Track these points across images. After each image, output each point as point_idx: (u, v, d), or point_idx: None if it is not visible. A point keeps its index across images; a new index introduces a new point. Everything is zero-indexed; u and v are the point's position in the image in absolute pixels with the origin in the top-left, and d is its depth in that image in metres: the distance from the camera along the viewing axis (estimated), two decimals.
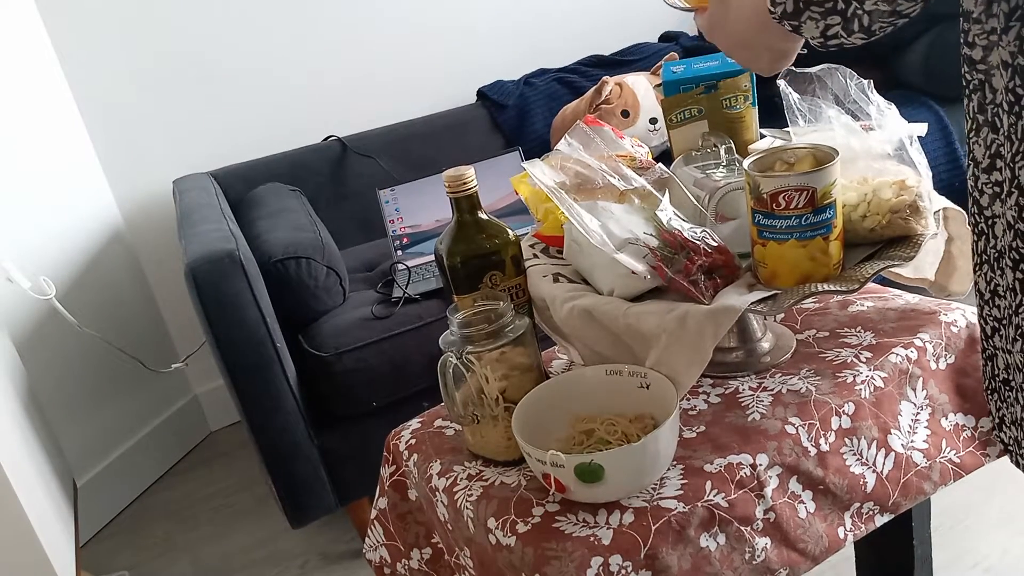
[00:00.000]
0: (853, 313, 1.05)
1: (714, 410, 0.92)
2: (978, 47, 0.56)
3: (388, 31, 2.45)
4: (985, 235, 0.61)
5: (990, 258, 0.61)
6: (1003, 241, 0.58)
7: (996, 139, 0.57)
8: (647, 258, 0.90)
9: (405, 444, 1.03)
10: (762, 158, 0.89)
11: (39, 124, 2.05)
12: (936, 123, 2.10)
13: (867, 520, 0.89)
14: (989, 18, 0.55)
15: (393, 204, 2.03)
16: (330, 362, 1.64)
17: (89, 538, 2.10)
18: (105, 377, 2.18)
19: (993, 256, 0.60)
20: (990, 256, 0.61)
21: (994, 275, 0.61)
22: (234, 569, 1.89)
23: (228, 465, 2.33)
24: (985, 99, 0.57)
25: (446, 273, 0.94)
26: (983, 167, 0.59)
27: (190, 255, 1.53)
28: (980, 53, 0.56)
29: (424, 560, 1.04)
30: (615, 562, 0.77)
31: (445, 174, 0.91)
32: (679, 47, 2.57)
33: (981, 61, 0.56)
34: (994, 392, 0.65)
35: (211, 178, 2.17)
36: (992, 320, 0.63)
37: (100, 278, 2.18)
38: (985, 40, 0.55)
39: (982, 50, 0.56)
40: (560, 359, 1.10)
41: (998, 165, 0.57)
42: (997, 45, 0.54)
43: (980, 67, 0.56)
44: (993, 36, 0.54)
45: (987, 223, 0.60)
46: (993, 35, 0.54)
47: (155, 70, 2.22)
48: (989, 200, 0.59)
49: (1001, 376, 0.63)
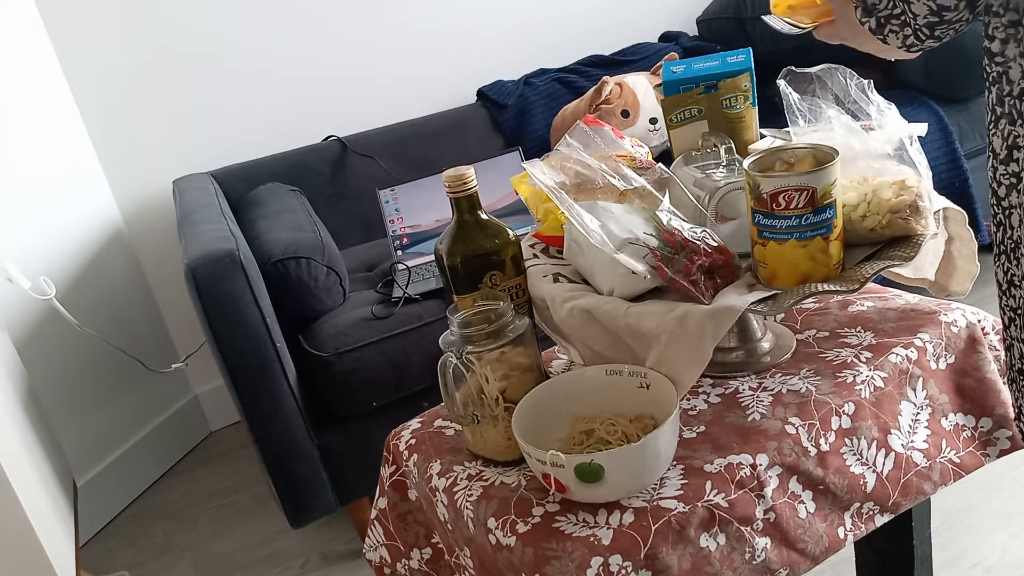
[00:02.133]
0: (853, 313, 1.05)
1: (714, 410, 0.92)
2: (996, 40, 0.57)
3: (388, 31, 2.45)
4: (1003, 225, 0.61)
5: (1007, 249, 0.61)
6: (1019, 231, 0.58)
7: (1013, 130, 0.57)
8: (647, 258, 0.90)
9: (405, 444, 1.03)
10: (762, 158, 0.89)
11: (39, 124, 2.05)
12: (936, 123, 2.10)
13: (867, 520, 0.89)
14: (1007, 11, 0.55)
15: (393, 204, 2.03)
16: (330, 362, 1.64)
17: (89, 538, 2.10)
18: (105, 377, 2.18)
19: (1010, 247, 0.61)
20: (1007, 247, 0.61)
21: (1011, 265, 0.61)
22: (234, 569, 1.89)
23: (228, 465, 2.33)
24: (1003, 91, 0.58)
25: (446, 273, 0.94)
26: (1000, 158, 0.59)
27: (190, 255, 1.53)
28: (999, 46, 0.57)
29: (424, 560, 1.04)
30: (615, 562, 0.77)
31: (445, 174, 0.91)
32: (679, 47, 2.57)
33: (999, 53, 0.57)
34: (1013, 382, 0.65)
35: (211, 178, 2.17)
36: (1009, 310, 0.63)
37: (100, 278, 2.18)
38: (1003, 33, 0.56)
39: (1000, 43, 0.57)
40: (560, 359, 1.10)
41: (1015, 156, 0.57)
42: (1014, 38, 0.55)
43: (998, 59, 0.57)
44: (1011, 29, 0.55)
45: (1004, 214, 0.60)
46: (1011, 28, 0.55)
47: (155, 70, 2.22)
48: (1006, 191, 0.59)
49: (1018, 366, 0.63)
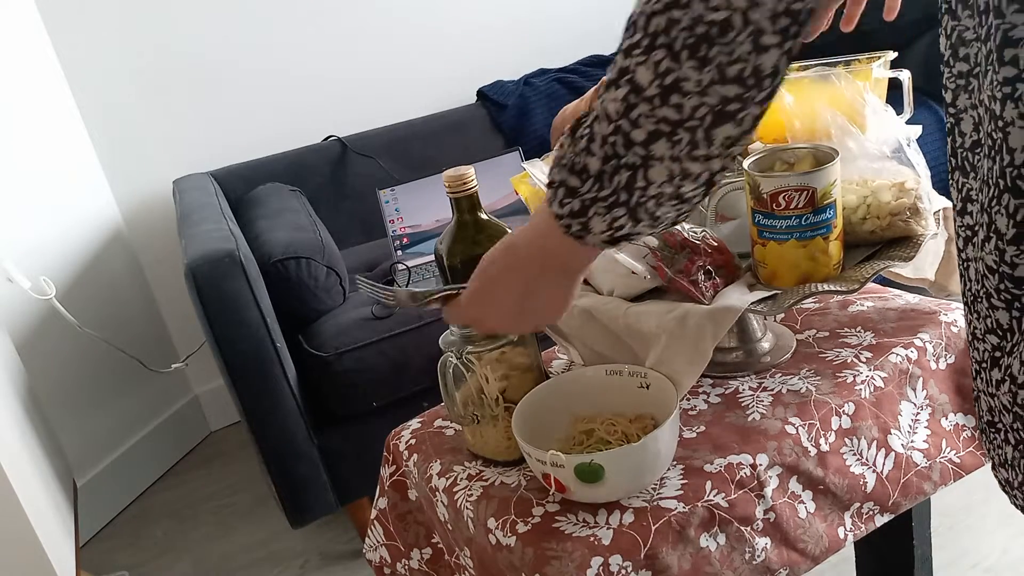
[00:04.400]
0: (853, 313, 1.05)
1: (714, 410, 0.92)
2: (949, 90, 0.56)
3: (388, 31, 2.45)
4: (964, 277, 0.60)
5: (968, 301, 0.60)
6: (976, 285, 0.58)
7: (967, 183, 0.56)
8: (647, 258, 0.90)
9: (405, 444, 1.03)
10: (762, 158, 0.89)
11: (39, 124, 2.05)
12: (936, 123, 2.10)
13: (867, 520, 0.89)
14: (956, 62, 0.55)
15: (393, 204, 2.03)
16: (330, 362, 1.64)
17: (89, 538, 2.10)
18: (105, 377, 2.18)
19: (969, 299, 0.60)
20: (967, 299, 0.60)
21: (972, 317, 0.60)
22: (234, 569, 1.89)
23: (228, 465, 2.33)
24: (956, 142, 0.57)
25: (446, 273, 0.94)
26: (957, 209, 0.58)
27: (190, 255, 1.53)
28: (951, 96, 0.56)
29: (424, 560, 1.04)
30: (615, 562, 0.77)
31: (445, 174, 0.91)
32: None
33: (951, 104, 0.56)
34: (983, 432, 0.64)
35: (211, 178, 2.17)
36: (975, 362, 0.61)
37: (100, 278, 2.18)
38: (954, 83, 0.55)
39: (951, 93, 0.56)
40: (560, 359, 1.10)
41: (969, 209, 0.57)
42: (964, 89, 0.54)
43: (951, 110, 0.56)
44: (960, 80, 0.54)
45: (963, 266, 0.59)
46: (960, 79, 0.54)
47: (155, 70, 2.22)
48: (963, 243, 0.59)
49: (986, 418, 0.62)
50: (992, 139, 0.52)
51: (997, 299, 0.55)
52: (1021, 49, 0.48)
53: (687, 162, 0.55)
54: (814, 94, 0.98)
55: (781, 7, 0.49)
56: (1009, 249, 0.52)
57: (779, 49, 0.50)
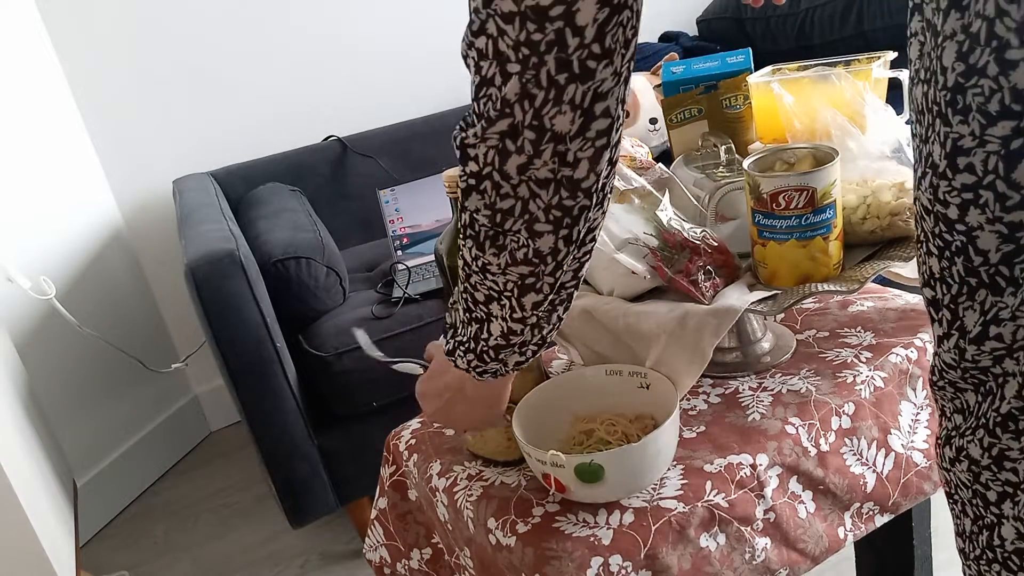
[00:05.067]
0: (853, 313, 1.05)
1: (714, 410, 0.92)
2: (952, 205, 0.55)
3: (388, 31, 2.45)
4: None
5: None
6: None
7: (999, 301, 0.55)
8: (647, 258, 0.90)
9: (405, 444, 1.03)
10: (762, 158, 0.89)
11: (39, 125, 2.05)
12: None
13: (867, 520, 0.89)
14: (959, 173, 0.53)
15: (393, 204, 2.03)
16: (330, 362, 1.64)
17: (89, 538, 2.10)
18: (105, 377, 2.18)
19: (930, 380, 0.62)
20: None
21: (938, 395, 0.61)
22: (234, 569, 1.89)
23: (228, 465, 2.33)
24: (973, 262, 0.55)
25: (446, 273, 0.94)
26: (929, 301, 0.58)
27: (190, 255, 1.53)
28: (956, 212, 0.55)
29: (424, 560, 1.04)
30: (615, 562, 0.77)
31: (445, 174, 0.91)
32: (679, 47, 2.57)
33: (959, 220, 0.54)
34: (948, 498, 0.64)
35: (211, 178, 2.17)
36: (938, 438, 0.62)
37: (100, 278, 2.18)
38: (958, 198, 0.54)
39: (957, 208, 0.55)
40: (560, 359, 1.10)
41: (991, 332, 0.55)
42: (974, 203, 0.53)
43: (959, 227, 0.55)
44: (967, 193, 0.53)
45: None
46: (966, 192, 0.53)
47: (155, 70, 2.22)
48: None
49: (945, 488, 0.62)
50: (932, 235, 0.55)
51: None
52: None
53: (512, 323, 0.66)
54: (814, 94, 0.98)
55: (555, 201, 0.58)
56: None
57: (554, 235, 0.60)
